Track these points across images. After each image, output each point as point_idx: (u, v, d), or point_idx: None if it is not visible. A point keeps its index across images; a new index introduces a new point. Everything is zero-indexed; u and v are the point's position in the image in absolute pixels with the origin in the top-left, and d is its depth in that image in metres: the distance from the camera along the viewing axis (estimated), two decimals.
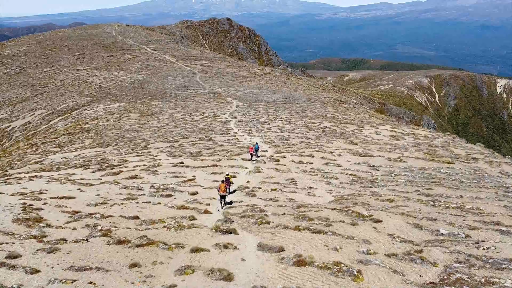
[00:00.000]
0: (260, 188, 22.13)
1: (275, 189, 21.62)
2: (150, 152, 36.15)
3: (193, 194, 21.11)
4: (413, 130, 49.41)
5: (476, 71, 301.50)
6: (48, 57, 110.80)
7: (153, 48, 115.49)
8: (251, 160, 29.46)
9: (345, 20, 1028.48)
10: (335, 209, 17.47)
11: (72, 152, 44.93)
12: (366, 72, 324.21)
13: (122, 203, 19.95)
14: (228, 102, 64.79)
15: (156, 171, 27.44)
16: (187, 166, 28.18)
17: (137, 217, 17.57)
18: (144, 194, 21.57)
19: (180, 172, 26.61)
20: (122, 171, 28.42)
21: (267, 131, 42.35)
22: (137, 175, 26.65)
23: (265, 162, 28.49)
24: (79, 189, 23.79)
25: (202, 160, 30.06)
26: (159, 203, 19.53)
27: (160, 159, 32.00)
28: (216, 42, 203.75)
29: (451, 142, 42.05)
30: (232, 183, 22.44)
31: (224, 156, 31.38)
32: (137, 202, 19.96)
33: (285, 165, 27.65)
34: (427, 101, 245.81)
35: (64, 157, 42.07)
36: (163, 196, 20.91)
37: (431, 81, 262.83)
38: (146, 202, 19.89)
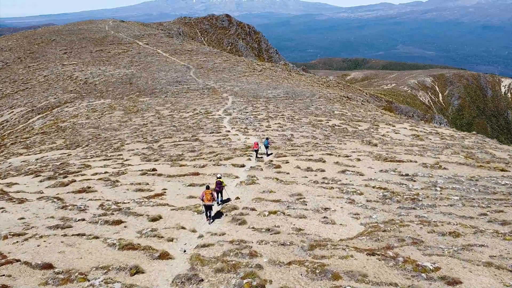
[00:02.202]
0: (253, 209, 15.31)
1: (275, 212, 14.78)
2: (121, 155, 29.35)
3: (154, 220, 14.27)
4: (435, 128, 42.66)
5: (477, 71, 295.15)
6: (33, 51, 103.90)
7: (146, 42, 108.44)
8: (256, 157, 23.97)
9: (346, 20, 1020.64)
10: (372, 253, 10.63)
11: (36, 154, 38.21)
12: (368, 72, 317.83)
13: (43, 236, 13.14)
14: (223, 98, 57.97)
15: (117, 181, 20.61)
16: (160, 175, 21.34)
17: (50, 266, 10.76)
18: (84, 219, 14.75)
19: (147, 183, 19.78)
20: (75, 181, 21.61)
21: (266, 130, 35.55)
22: (89, 187, 19.83)
23: (262, 169, 21.65)
24: (2, 208, 17.01)
25: (181, 165, 23.22)
26: (97, 238, 12.71)
27: (130, 164, 25.20)
28: (215, 39, 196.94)
29: (483, 143, 35.30)
30: (225, 184, 16.28)
31: (210, 160, 24.57)
32: (66, 235, 13.15)
33: (288, 173, 20.81)
34: (430, 101, 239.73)
35: (24, 161, 35.34)
36: (109, 224, 14.09)
37: (435, 81, 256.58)
38: (79, 235, 13.07)
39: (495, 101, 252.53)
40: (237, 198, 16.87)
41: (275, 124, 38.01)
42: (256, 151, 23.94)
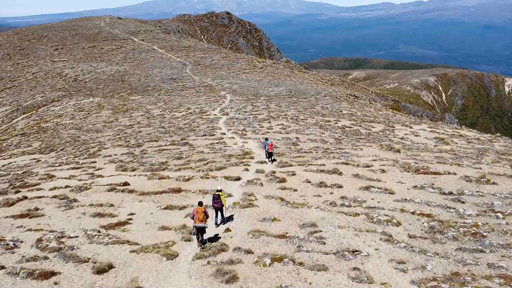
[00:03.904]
0: (249, 251, 10.66)
1: (280, 259, 10.12)
2: (95, 162, 24.71)
3: (101, 272, 9.62)
4: (457, 130, 38.01)
5: (478, 71, 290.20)
6: (24, 48, 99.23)
7: (141, 38, 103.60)
8: (269, 159, 21.51)
9: (347, 20, 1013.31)
10: None
11: (5, 159, 33.61)
12: (370, 71, 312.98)
13: None
14: (220, 96, 53.33)
15: (75, 200, 15.96)
16: (131, 191, 16.68)
17: None
18: (4, 267, 10.11)
19: (112, 205, 15.13)
20: (26, 198, 16.99)
21: (267, 132, 30.88)
22: (37, 209, 15.21)
23: (262, 184, 17.00)
24: None
25: (161, 178, 18.56)
26: None
27: (100, 175, 20.55)
28: (215, 37, 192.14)
29: None
30: (225, 200, 12.89)
31: (199, 170, 19.95)
32: None
33: (296, 189, 16.15)
34: (433, 101, 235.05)
35: None
36: (35, 277, 9.48)
37: (438, 80, 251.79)
38: None
39: (499, 101, 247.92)
40: (228, 230, 12.22)
41: (278, 125, 33.34)
42: (271, 153, 21.31)
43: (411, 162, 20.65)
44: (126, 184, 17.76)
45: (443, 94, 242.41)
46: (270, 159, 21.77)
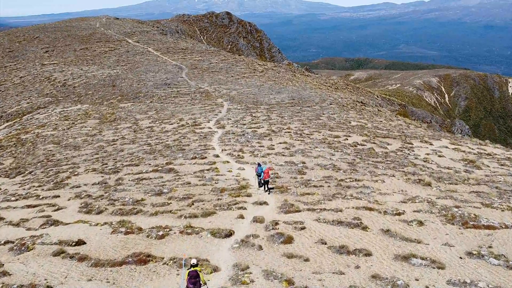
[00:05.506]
0: None
1: None
2: (58, 196, 20.30)
3: None
4: (481, 146, 33.58)
5: (480, 71, 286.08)
6: (13, 50, 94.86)
7: (136, 40, 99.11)
8: (264, 188, 18.71)
9: (348, 20, 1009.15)
10: None
11: None
12: (372, 72, 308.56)
13: None
14: (217, 104, 49.01)
15: (5, 273, 11.57)
16: (83, 259, 12.25)
17: None
18: None
19: (49, 287, 10.72)
20: None
21: (268, 153, 26.41)
22: None
23: (261, 247, 12.58)
24: None
25: (128, 232, 14.12)
26: None
27: (56, 221, 16.14)
28: (215, 38, 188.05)
29: None
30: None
31: (180, 216, 15.58)
32: None
33: (307, 259, 11.74)
34: (436, 102, 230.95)
35: None
36: None
37: (441, 81, 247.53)
38: None
39: (503, 102, 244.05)
40: None
41: (280, 143, 28.87)
42: (267, 182, 18.42)
43: (450, 204, 16.20)
44: (80, 243, 13.34)
45: (446, 95, 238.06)
46: (266, 189, 18.55)
